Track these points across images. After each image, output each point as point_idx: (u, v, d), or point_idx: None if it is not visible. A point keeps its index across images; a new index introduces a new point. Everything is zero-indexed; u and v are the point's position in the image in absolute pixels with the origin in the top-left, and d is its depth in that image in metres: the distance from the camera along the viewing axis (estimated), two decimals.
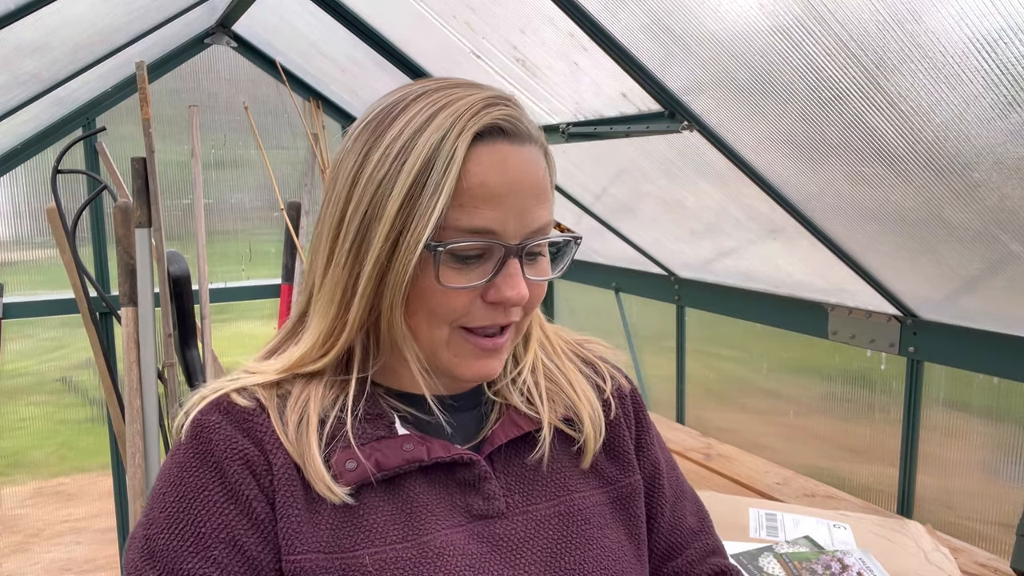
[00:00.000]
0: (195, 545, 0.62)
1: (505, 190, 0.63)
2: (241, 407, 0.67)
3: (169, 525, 0.63)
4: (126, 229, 1.80)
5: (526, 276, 0.66)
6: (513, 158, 0.65)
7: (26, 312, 2.64)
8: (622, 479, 0.78)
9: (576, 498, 0.73)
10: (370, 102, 0.71)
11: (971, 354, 1.57)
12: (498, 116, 0.64)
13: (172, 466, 0.66)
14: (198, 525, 0.62)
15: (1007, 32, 0.88)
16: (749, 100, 1.35)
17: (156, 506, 0.65)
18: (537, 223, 0.66)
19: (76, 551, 2.84)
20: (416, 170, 0.62)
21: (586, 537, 0.72)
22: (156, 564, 0.61)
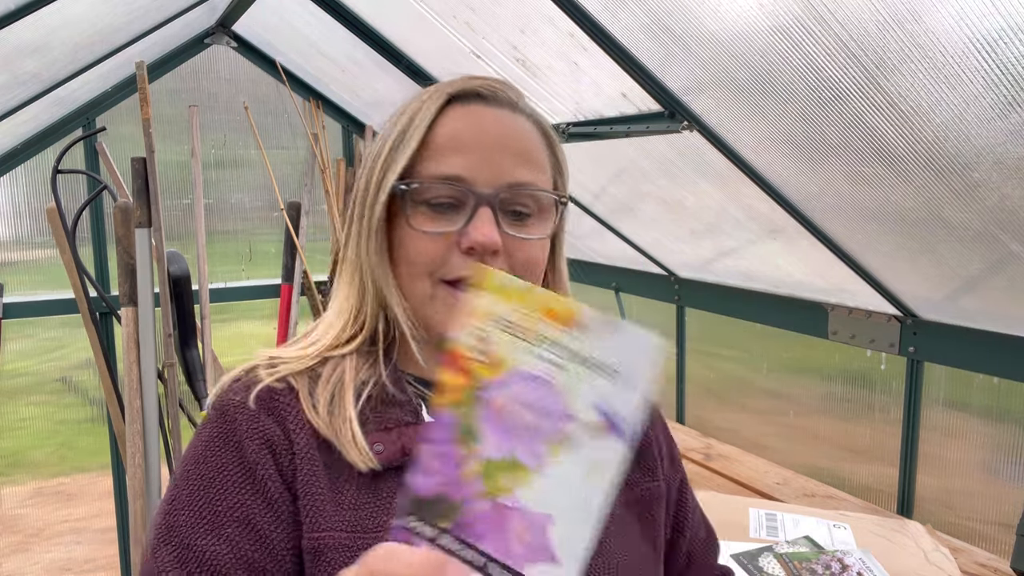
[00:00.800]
0: (211, 523, 0.63)
1: (476, 141, 0.67)
2: (269, 387, 0.68)
3: (190, 502, 0.64)
4: (126, 229, 1.81)
5: (506, 230, 0.67)
6: (489, 116, 0.69)
7: (26, 312, 2.64)
8: (643, 483, 0.78)
9: None
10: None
11: (971, 354, 1.57)
12: (478, 84, 0.70)
13: (197, 444, 0.67)
14: (215, 503, 0.63)
15: (1007, 32, 0.89)
16: (749, 100, 1.35)
17: (180, 483, 0.66)
18: (514, 177, 0.67)
19: (76, 551, 2.84)
20: (397, 132, 0.70)
21: (606, 540, 0.72)
22: (172, 539, 0.63)
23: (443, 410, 0.50)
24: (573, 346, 0.51)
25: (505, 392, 0.51)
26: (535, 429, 0.50)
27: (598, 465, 0.50)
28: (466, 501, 0.49)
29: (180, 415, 1.96)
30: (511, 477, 0.50)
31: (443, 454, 0.50)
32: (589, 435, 0.50)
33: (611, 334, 0.51)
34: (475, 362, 0.51)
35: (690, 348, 2.51)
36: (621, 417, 0.50)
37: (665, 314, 2.55)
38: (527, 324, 0.51)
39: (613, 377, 0.51)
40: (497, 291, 0.52)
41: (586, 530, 0.49)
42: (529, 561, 0.49)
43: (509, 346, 0.51)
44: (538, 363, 0.51)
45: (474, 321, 0.51)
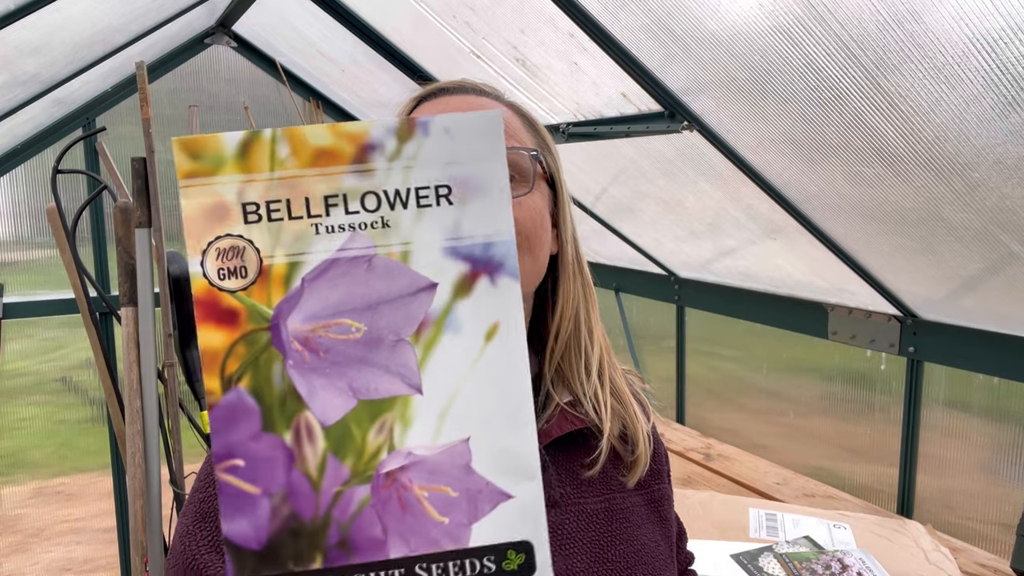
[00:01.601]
0: None
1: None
2: None
3: None
4: (126, 229, 1.80)
5: None
6: (452, 101, 0.70)
7: (26, 312, 2.64)
8: (654, 484, 0.80)
9: (618, 497, 0.75)
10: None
11: (971, 354, 1.57)
12: (444, 83, 0.72)
13: None
14: None
15: (1007, 32, 0.88)
16: (749, 100, 1.35)
17: (211, 471, 0.67)
18: None
19: (76, 551, 2.84)
20: None
21: (628, 534, 0.73)
22: (208, 524, 0.63)
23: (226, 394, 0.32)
24: (379, 185, 0.33)
25: (306, 310, 0.32)
26: (379, 338, 0.33)
27: (495, 328, 0.34)
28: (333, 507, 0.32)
29: (180, 415, 1.95)
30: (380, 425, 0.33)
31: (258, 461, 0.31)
32: (462, 296, 0.34)
33: (424, 138, 0.33)
34: (237, 293, 0.32)
35: (690, 348, 2.51)
36: (489, 243, 0.34)
37: (665, 314, 2.55)
38: (292, 192, 0.32)
39: (452, 195, 0.34)
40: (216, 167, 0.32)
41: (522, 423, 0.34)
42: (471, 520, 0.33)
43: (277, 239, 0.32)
44: (335, 239, 0.32)
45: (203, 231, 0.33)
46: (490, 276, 0.34)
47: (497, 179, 0.34)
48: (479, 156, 0.33)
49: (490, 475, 0.33)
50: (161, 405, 1.84)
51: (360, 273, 0.32)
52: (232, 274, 0.32)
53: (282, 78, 2.89)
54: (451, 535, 0.33)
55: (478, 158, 0.34)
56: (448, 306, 0.33)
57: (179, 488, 1.94)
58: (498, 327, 0.34)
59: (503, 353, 0.33)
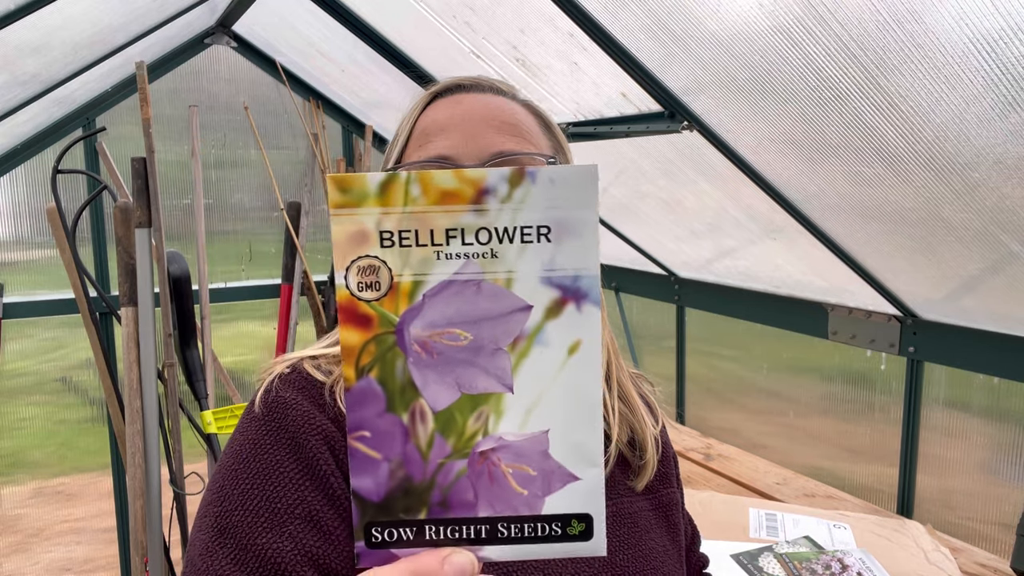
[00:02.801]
0: (270, 520, 0.60)
1: (455, 120, 0.68)
2: (315, 381, 0.67)
3: (243, 502, 0.61)
4: (126, 229, 1.80)
5: None
6: (469, 99, 0.70)
7: (26, 312, 2.64)
8: (662, 489, 0.80)
9: (625, 502, 0.75)
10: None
11: (971, 354, 1.57)
12: (460, 79, 0.72)
13: (244, 442, 0.65)
14: (273, 501, 0.61)
15: (1007, 32, 0.88)
16: (749, 100, 1.35)
17: (228, 483, 0.63)
18: (497, 148, 0.67)
19: (76, 551, 2.84)
20: (394, 137, 0.73)
21: (636, 539, 0.73)
22: (228, 540, 0.60)
23: (359, 380, 0.41)
24: (491, 223, 0.40)
25: (425, 319, 0.41)
26: (481, 346, 0.41)
27: (577, 345, 0.41)
28: (437, 474, 0.41)
29: (180, 415, 1.95)
30: (478, 415, 0.41)
31: (381, 434, 0.41)
32: (552, 318, 0.41)
33: (531, 186, 0.40)
34: (372, 303, 0.41)
35: (690, 348, 2.51)
36: (578, 276, 0.41)
37: (665, 314, 2.55)
38: (419, 224, 0.40)
39: (551, 234, 0.41)
40: (361, 200, 0.40)
41: (593, 422, 0.42)
42: (545, 493, 0.41)
43: (405, 261, 0.40)
44: (452, 265, 0.41)
45: (348, 251, 0.41)
46: (576, 303, 0.41)
47: (589, 223, 0.41)
48: (576, 203, 0.41)
49: (563, 460, 0.42)
50: (161, 405, 1.84)
51: (470, 293, 0.41)
52: (368, 287, 0.41)
53: (282, 78, 2.89)
54: (528, 504, 0.42)
55: (575, 205, 0.41)
56: (540, 325, 0.41)
57: (179, 488, 1.94)
58: (580, 344, 0.41)
59: (582, 365, 0.41)
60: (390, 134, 2.94)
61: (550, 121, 0.74)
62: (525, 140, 0.69)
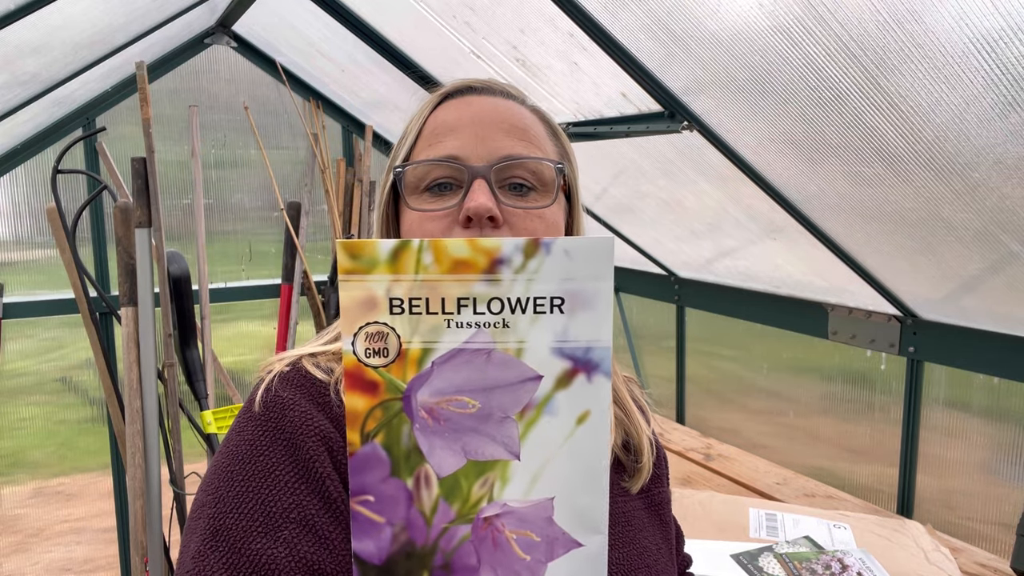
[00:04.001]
0: (264, 524, 0.59)
1: (466, 121, 0.68)
2: (316, 379, 0.66)
3: (237, 504, 0.60)
4: (126, 229, 1.80)
5: (505, 202, 0.67)
6: (479, 101, 0.70)
7: (26, 312, 2.64)
8: (653, 488, 0.80)
9: (619, 502, 0.75)
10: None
11: (971, 354, 1.57)
12: (471, 80, 0.72)
13: (241, 443, 0.64)
14: (268, 504, 0.60)
15: (1007, 32, 0.88)
16: (749, 100, 1.35)
17: (223, 484, 0.62)
18: (506, 151, 0.67)
19: (76, 551, 2.84)
20: (400, 135, 0.73)
21: (629, 537, 0.74)
22: (221, 543, 0.59)
23: (364, 446, 0.40)
24: (504, 293, 0.40)
25: (433, 387, 0.40)
26: (489, 414, 0.41)
27: (586, 415, 0.41)
28: (440, 538, 0.40)
29: (180, 415, 1.95)
30: (484, 481, 0.41)
31: (385, 499, 0.40)
32: (562, 388, 0.41)
33: (546, 256, 0.40)
34: (379, 369, 0.40)
35: (690, 348, 2.51)
36: (590, 347, 0.40)
37: (665, 314, 2.55)
38: (431, 292, 0.39)
39: (564, 305, 0.40)
40: (371, 267, 0.40)
41: (598, 489, 0.41)
42: (548, 559, 0.41)
43: (415, 329, 0.40)
44: (463, 333, 0.40)
45: (356, 318, 0.40)
46: (587, 374, 0.41)
47: (603, 295, 0.40)
48: (591, 275, 0.40)
49: (567, 526, 0.41)
50: (161, 405, 1.84)
51: (480, 362, 0.40)
52: (376, 353, 0.40)
53: (282, 78, 2.89)
54: (531, 570, 0.41)
55: (590, 277, 0.40)
56: (549, 394, 0.41)
57: (179, 488, 1.94)
58: (589, 414, 0.41)
59: (590, 435, 0.41)
60: (390, 134, 2.94)
61: (557, 128, 0.75)
62: (533, 145, 0.69)
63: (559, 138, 0.74)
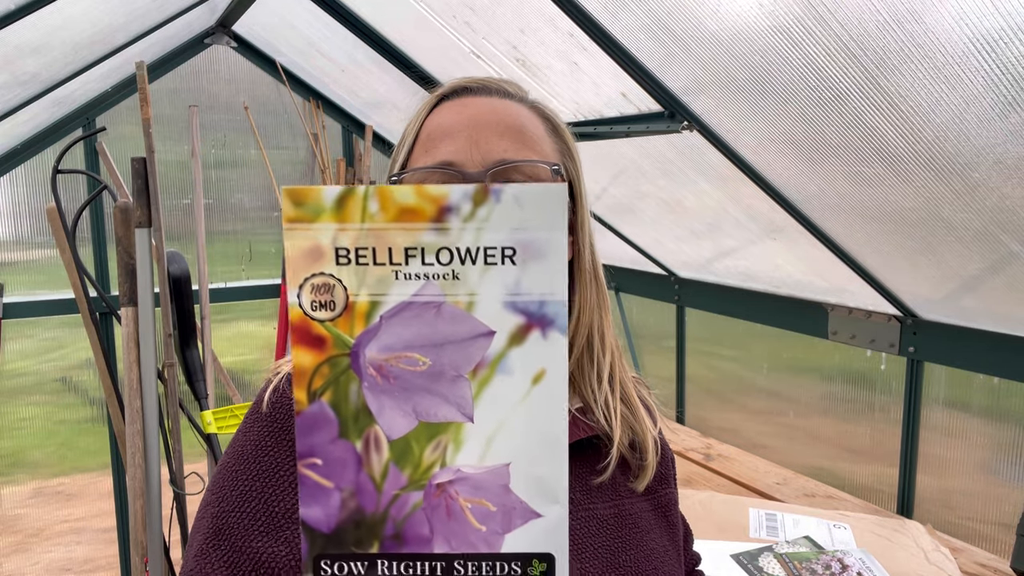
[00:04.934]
0: (267, 524, 0.60)
1: (461, 125, 0.67)
2: None
3: (241, 503, 0.61)
4: (126, 229, 1.80)
5: None
6: (475, 103, 0.69)
7: (26, 312, 2.64)
8: (661, 489, 0.80)
9: (626, 503, 0.75)
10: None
11: (971, 354, 1.57)
12: (467, 81, 0.70)
13: (246, 443, 0.64)
14: (271, 504, 0.60)
15: (1007, 32, 0.88)
16: (749, 100, 1.35)
17: (227, 484, 0.62)
18: (500, 155, 0.66)
19: (76, 551, 2.84)
20: (400, 139, 0.71)
21: (638, 539, 0.73)
22: (223, 542, 0.60)
23: (311, 404, 0.39)
24: (453, 242, 0.38)
25: (382, 342, 0.38)
26: (441, 372, 0.39)
27: (542, 374, 0.39)
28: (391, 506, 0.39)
29: (180, 415, 1.95)
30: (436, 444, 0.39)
31: (333, 461, 0.38)
32: (515, 345, 0.39)
33: (495, 204, 0.38)
34: (326, 323, 0.38)
35: (690, 348, 2.51)
36: (544, 301, 0.39)
37: (665, 314, 2.55)
38: (377, 241, 0.38)
39: (516, 256, 0.38)
40: (316, 215, 0.38)
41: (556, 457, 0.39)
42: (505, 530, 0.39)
43: (362, 280, 0.38)
44: (411, 285, 0.38)
45: (302, 268, 0.38)
46: (542, 330, 0.39)
47: (556, 246, 0.39)
48: (543, 224, 0.38)
49: (524, 496, 0.39)
50: (161, 405, 1.84)
51: (430, 316, 0.39)
52: (323, 306, 0.38)
53: (282, 78, 2.89)
54: (487, 541, 0.39)
55: (542, 226, 0.38)
56: (503, 352, 0.39)
57: (179, 488, 1.94)
58: (544, 373, 0.39)
59: (546, 396, 0.39)
60: (390, 134, 2.94)
61: (558, 124, 0.73)
62: (529, 146, 0.68)
63: (560, 135, 0.73)
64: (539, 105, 0.73)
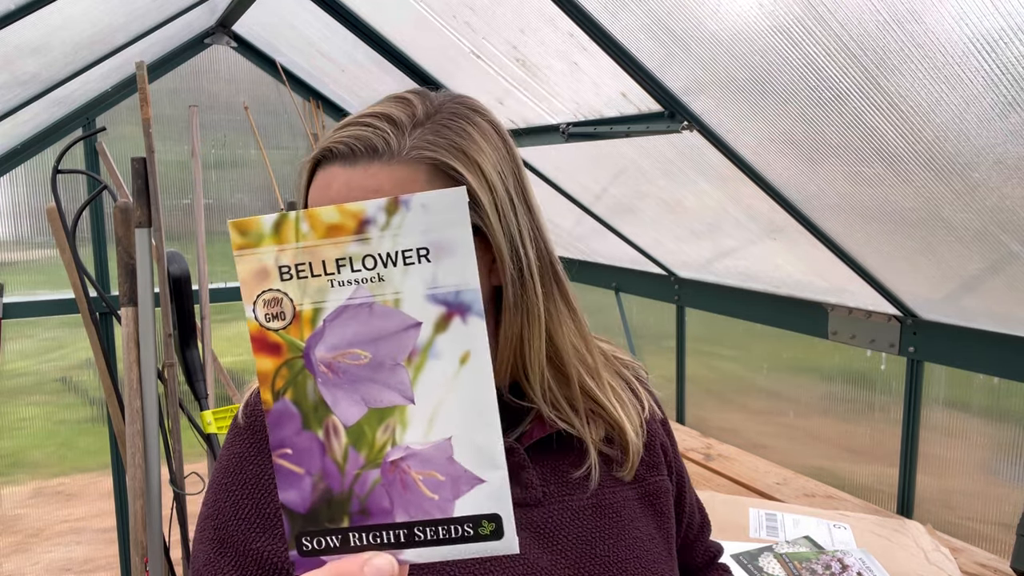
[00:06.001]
0: (261, 525, 0.66)
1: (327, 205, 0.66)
2: None
3: (236, 512, 0.68)
4: (126, 229, 1.80)
5: None
6: (337, 181, 0.64)
7: (26, 312, 2.64)
8: (649, 477, 0.79)
9: (607, 492, 0.75)
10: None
11: (971, 354, 1.57)
12: (334, 140, 0.65)
13: (231, 456, 0.70)
14: (262, 507, 0.67)
15: (1007, 32, 0.88)
16: (749, 100, 1.35)
17: (220, 497, 0.69)
18: None
19: (76, 551, 2.84)
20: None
21: (618, 529, 0.73)
22: (228, 550, 0.66)
23: (276, 403, 0.44)
24: (375, 249, 0.44)
25: (328, 343, 0.44)
26: (380, 363, 0.44)
27: (467, 355, 0.44)
28: (354, 484, 0.44)
29: (180, 415, 1.95)
30: (385, 427, 0.44)
31: (301, 450, 0.44)
32: (440, 332, 0.44)
33: (406, 212, 0.43)
34: (279, 331, 0.44)
35: (690, 348, 2.51)
36: (459, 291, 0.44)
37: (665, 314, 2.55)
38: (312, 256, 0.44)
39: (431, 255, 0.44)
40: (259, 240, 0.44)
41: (490, 425, 0.44)
42: (454, 496, 0.44)
43: (304, 292, 0.44)
44: (345, 291, 0.44)
45: (253, 287, 0.44)
46: (461, 316, 0.44)
47: (463, 241, 0.44)
48: (448, 223, 0.43)
49: (467, 464, 0.44)
50: (161, 405, 1.84)
51: (364, 316, 0.44)
52: (275, 317, 0.44)
53: (282, 78, 2.89)
54: (440, 508, 0.44)
55: (448, 225, 0.43)
56: (431, 339, 0.44)
57: (179, 488, 1.94)
58: (469, 354, 0.44)
59: (473, 373, 0.44)
60: None
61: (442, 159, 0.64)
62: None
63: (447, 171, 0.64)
64: (419, 147, 0.64)
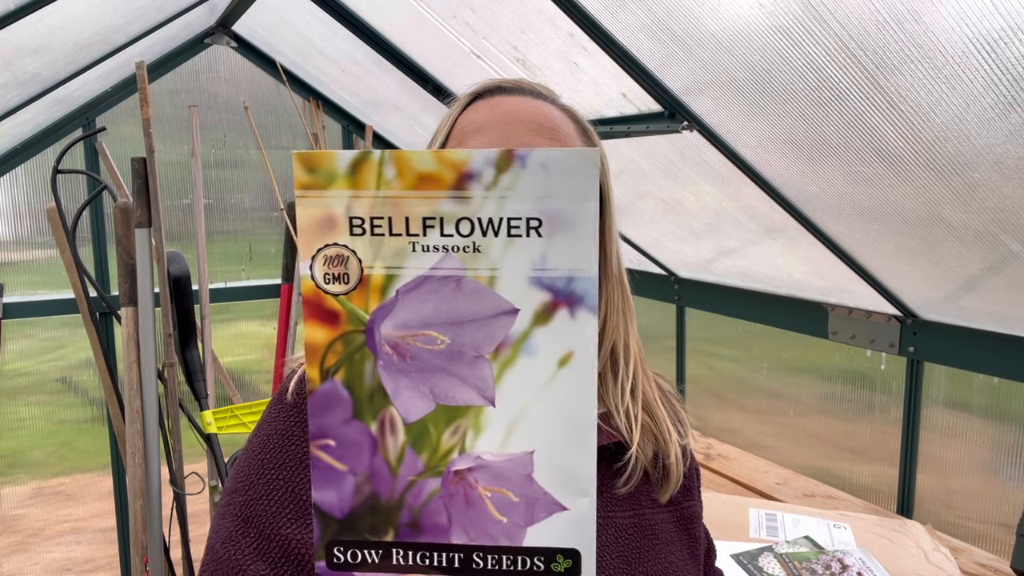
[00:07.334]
0: (295, 511, 0.60)
1: (493, 122, 0.67)
2: None
3: (268, 491, 0.61)
4: (126, 229, 1.80)
5: None
6: (507, 101, 0.69)
7: (26, 312, 2.64)
8: (684, 501, 0.79)
9: (648, 513, 0.74)
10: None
11: (971, 354, 1.57)
12: (501, 80, 0.70)
13: (272, 432, 0.64)
14: (299, 492, 0.60)
15: (1007, 32, 0.88)
16: (749, 100, 1.35)
17: (254, 472, 0.63)
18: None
19: (76, 551, 2.84)
20: (432, 136, 0.70)
21: (656, 552, 0.72)
22: (252, 530, 0.60)
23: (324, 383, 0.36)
24: (474, 212, 0.35)
25: (398, 318, 0.36)
26: (460, 351, 0.36)
27: (569, 356, 0.36)
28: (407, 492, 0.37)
29: (180, 415, 1.95)
30: (454, 429, 0.36)
31: (347, 443, 0.36)
32: (541, 324, 0.36)
33: (521, 171, 0.35)
34: (340, 297, 0.36)
35: (690, 348, 2.51)
36: (572, 277, 0.35)
37: (665, 314, 2.55)
38: (394, 210, 0.35)
39: (543, 228, 0.35)
40: (329, 181, 0.35)
41: (585, 446, 0.36)
42: (527, 522, 0.36)
43: (377, 252, 0.35)
44: (429, 258, 0.35)
45: (314, 238, 0.35)
46: (570, 308, 0.36)
47: (587, 217, 0.35)
48: (572, 193, 0.35)
49: (548, 487, 0.37)
50: (161, 405, 1.84)
51: (449, 291, 0.36)
52: (336, 279, 0.36)
53: (282, 78, 2.89)
54: (507, 534, 0.37)
55: (571, 195, 0.35)
56: (527, 331, 0.36)
57: (179, 488, 1.94)
58: (572, 355, 0.36)
59: (574, 380, 0.36)
60: (390, 134, 2.94)
61: (588, 128, 0.74)
62: (561, 143, 0.68)
63: (589, 137, 0.73)
64: (570, 109, 0.73)
